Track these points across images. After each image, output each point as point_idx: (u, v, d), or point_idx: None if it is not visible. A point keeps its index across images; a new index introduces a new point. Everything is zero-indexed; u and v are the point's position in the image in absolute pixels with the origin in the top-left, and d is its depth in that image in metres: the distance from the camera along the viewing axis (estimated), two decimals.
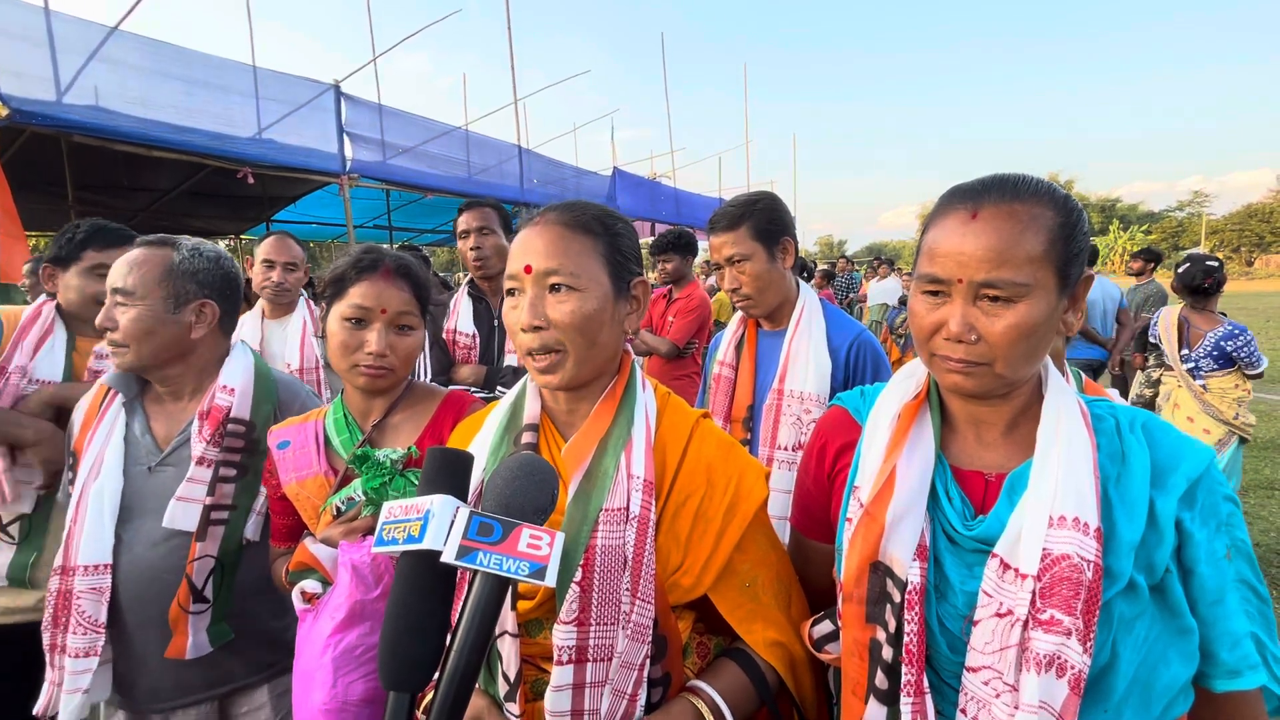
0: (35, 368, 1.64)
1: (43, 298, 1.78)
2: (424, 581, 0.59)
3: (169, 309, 1.34)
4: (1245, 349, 3.67)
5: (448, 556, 0.58)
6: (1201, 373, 3.76)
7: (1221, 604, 0.74)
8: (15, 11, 4.83)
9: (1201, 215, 61.55)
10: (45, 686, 1.28)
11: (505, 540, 0.59)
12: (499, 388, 2.22)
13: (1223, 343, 3.68)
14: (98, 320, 1.32)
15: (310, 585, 1.09)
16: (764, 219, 1.67)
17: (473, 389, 2.21)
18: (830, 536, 1.00)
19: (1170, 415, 3.86)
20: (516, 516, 0.62)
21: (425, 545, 0.58)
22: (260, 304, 2.60)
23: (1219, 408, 3.71)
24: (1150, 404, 4.27)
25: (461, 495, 0.64)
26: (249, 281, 2.86)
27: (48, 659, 1.29)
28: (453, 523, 0.59)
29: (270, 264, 2.52)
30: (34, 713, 1.28)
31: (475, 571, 0.59)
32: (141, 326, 1.31)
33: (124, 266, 1.34)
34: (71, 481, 1.37)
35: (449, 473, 0.65)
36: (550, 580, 0.59)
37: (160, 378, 1.40)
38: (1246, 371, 3.68)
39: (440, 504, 0.60)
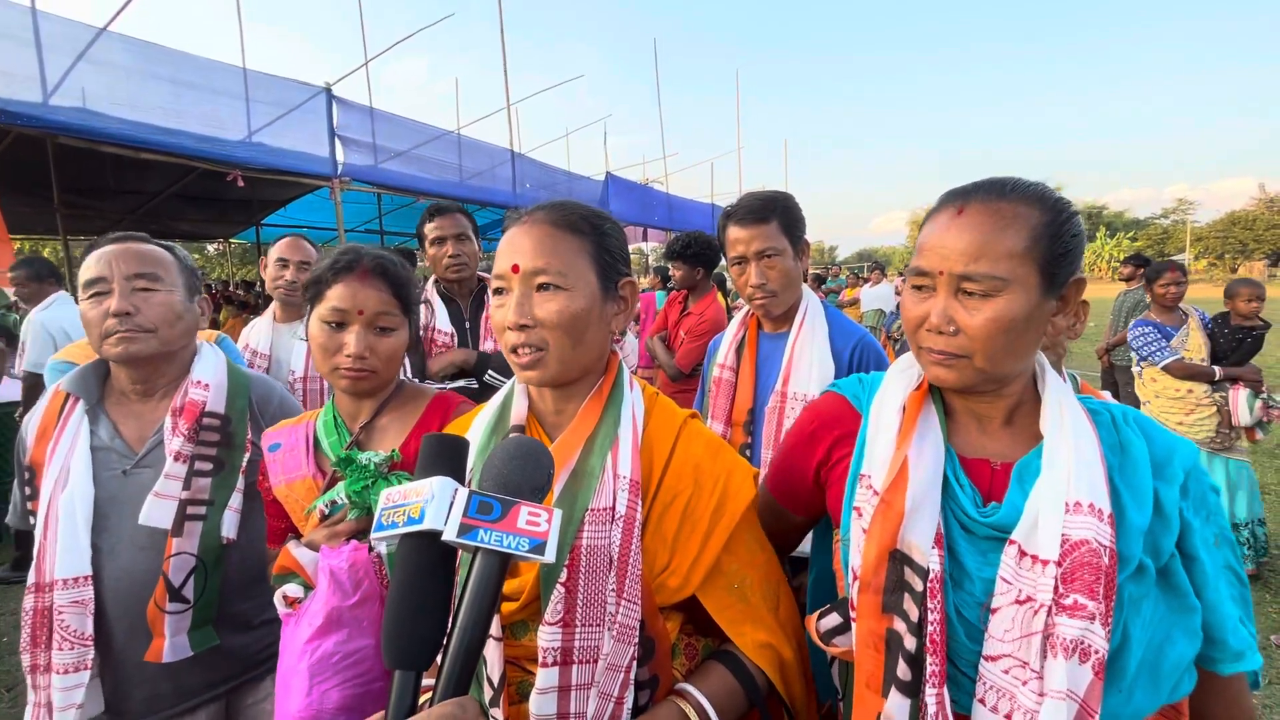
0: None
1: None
2: (426, 562, 0.60)
3: (188, 297, 1.40)
4: (1137, 341, 3.81)
5: (449, 535, 0.58)
6: (1141, 364, 3.90)
7: (1218, 590, 0.77)
8: (1, 11, 4.79)
9: (1186, 222, 62.39)
10: (30, 709, 1.23)
11: (504, 518, 0.60)
12: (491, 374, 2.20)
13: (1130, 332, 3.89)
14: (115, 306, 1.27)
15: (292, 590, 1.08)
16: (790, 216, 1.66)
17: (454, 381, 2.20)
18: (806, 512, 1.05)
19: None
20: (514, 495, 0.63)
21: (426, 525, 0.58)
22: (272, 308, 2.55)
23: (1147, 401, 3.83)
24: None
25: (459, 479, 0.65)
26: (249, 285, 2.80)
27: (29, 681, 1.23)
28: (452, 503, 0.60)
29: (284, 263, 2.47)
30: None
31: (476, 550, 0.59)
32: (173, 311, 1.34)
33: (138, 255, 1.32)
34: (32, 497, 1.31)
35: (446, 457, 0.66)
36: (550, 556, 0.60)
37: (146, 373, 1.37)
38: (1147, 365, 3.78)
39: (439, 485, 0.61)
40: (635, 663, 0.83)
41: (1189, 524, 0.77)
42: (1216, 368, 3.54)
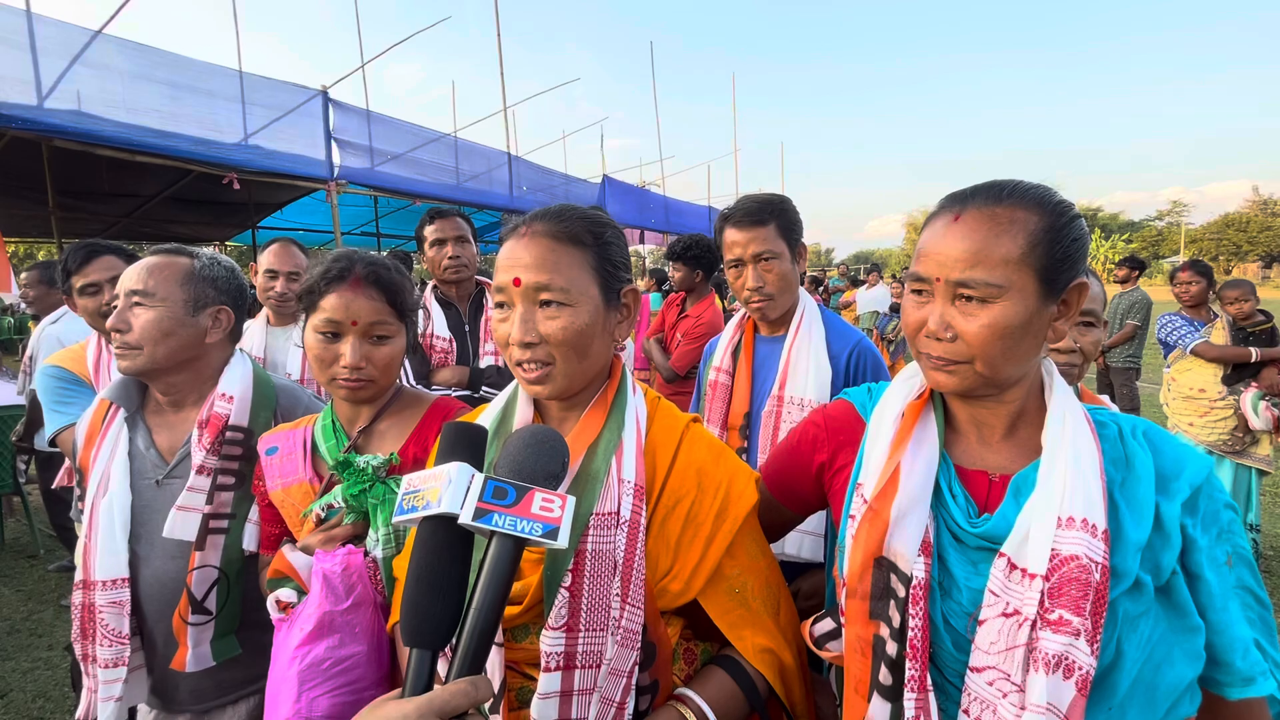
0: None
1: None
2: (443, 545, 0.62)
3: (188, 311, 1.36)
4: (1164, 330, 3.85)
5: (465, 518, 0.60)
6: (1169, 365, 3.92)
7: (1227, 610, 0.75)
8: None
9: (1180, 225, 62.60)
10: (84, 694, 1.31)
11: (519, 503, 0.62)
12: (484, 388, 2.22)
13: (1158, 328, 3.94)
14: (109, 323, 1.32)
15: (285, 594, 1.07)
16: (788, 219, 1.66)
17: (455, 390, 2.21)
18: (799, 509, 1.07)
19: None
20: (529, 482, 0.64)
21: (443, 509, 0.60)
22: (265, 312, 2.56)
23: (1166, 403, 3.85)
24: None
25: (477, 465, 0.66)
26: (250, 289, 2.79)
27: (83, 669, 1.31)
28: (469, 488, 0.62)
29: (274, 274, 2.48)
30: (76, 718, 1.32)
31: (491, 534, 0.61)
32: (161, 328, 1.32)
33: (141, 270, 1.34)
34: (81, 498, 1.38)
35: (464, 444, 0.67)
36: (563, 541, 0.61)
37: (165, 385, 1.39)
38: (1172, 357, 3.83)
39: (457, 470, 0.62)
40: (637, 668, 0.83)
41: (1194, 541, 0.75)
42: (1254, 349, 3.51)
